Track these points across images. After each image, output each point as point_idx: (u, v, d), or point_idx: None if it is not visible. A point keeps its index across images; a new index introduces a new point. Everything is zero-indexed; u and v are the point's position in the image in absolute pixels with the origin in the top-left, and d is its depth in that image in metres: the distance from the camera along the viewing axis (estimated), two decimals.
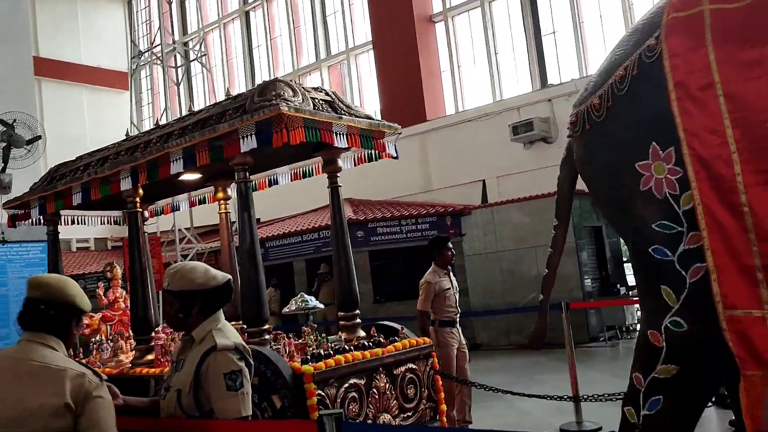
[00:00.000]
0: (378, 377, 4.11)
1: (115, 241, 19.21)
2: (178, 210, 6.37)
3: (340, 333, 4.70)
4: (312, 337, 4.54)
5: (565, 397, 5.28)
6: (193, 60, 14.66)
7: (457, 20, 15.80)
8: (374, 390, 4.07)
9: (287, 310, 5.16)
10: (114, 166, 4.82)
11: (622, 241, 13.36)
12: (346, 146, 4.29)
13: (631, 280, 12.21)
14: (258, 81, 20.22)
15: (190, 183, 5.64)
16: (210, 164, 4.26)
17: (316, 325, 4.78)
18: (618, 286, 11.76)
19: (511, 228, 12.34)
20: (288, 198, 13.66)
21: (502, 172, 13.88)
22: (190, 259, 14.93)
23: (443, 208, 13.13)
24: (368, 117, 4.57)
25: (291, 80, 4.37)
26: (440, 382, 4.54)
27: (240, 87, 20.33)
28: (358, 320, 4.80)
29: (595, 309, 11.42)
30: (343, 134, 4.22)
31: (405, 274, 12.92)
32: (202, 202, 6.21)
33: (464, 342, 5.75)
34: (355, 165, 5.10)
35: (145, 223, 11.66)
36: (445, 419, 4.55)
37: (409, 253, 12.96)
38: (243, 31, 20.53)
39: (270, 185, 5.65)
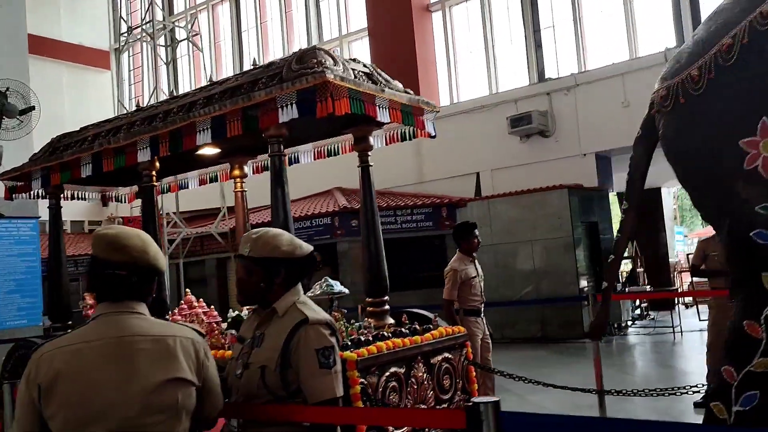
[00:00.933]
0: (417, 366, 3.89)
1: (92, 225, 18.65)
2: (187, 188, 6.06)
3: (367, 319, 4.46)
4: (342, 322, 4.30)
5: (593, 390, 5.11)
6: (183, 40, 14.21)
7: (454, 10, 15.58)
8: (413, 380, 3.85)
9: (310, 295, 4.89)
10: (130, 136, 4.51)
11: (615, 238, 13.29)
12: (388, 121, 4.04)
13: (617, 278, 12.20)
14: (246, 66, 19.81)
15: (204, 159, 5.35)
16: (239, 136, 3.99)
17: (345, 311, 4.56)
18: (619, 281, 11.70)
19: (506, 221, 12.20)
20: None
21: (496, 165, 13.71)
22: (177, 244, 14.50)
23: (438, 199, 12.94)
24: (407, 92, 4.34)
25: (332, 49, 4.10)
26: (474, 373, 4.33)
27: (227, 71, 19.86)
28: (387, 307, 4.57)
29: (590, 305, 11.32)
30: (385, 108, 3.98)
31: (399, 264, 12.71)
32: (213, 180, 5.91)
33: (488, 332, 5.55)
34: (387, 143, 4.87)
35: (132, 205, 11.19)
36: None
37: (404, 244, 12.75)
38: (232, 13, 20.04)
39: (290, 164, 5.37)
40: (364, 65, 4.25)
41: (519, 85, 14.14)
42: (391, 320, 4.49)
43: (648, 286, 12.48)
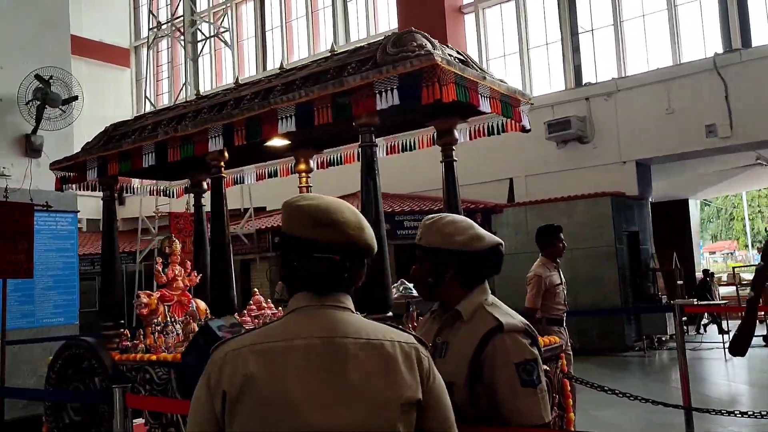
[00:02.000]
0: None
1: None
2: (242, 183, 5.74)
3: None
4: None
5: (680, 406, 4.76)
6: (212, 36, 13.95)
7: (488, 12, 15.30)
8: None
9: (394, 297, 4.57)
10: (200, 124, 4.20)
11: (652, 248, 12.99)
12: (489, 111, 3.73)
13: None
14: (270, 66, 19.55)
15: (269, 152, 5.05)
16: (326, 124, 3.67)
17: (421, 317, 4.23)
18: (658, 293, 11.35)
19: None
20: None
21: (531, 171, 13.38)
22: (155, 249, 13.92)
23: (473, 205, 12.60)
24: (502, 81, 4.02)
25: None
26: (569, 387, 4.00)
27: (249, 71, 19.62)
28: None
29: (632, 317, 10.97)
30: (486, 97, 3.67)
31: None
32: (272, 175, 5.60)
33: (570, 343, 5.22)
34: (471, 138, 4.56)
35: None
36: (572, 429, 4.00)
37: None
38: (257, 12, 19.82)
39: (359, 159, 5.06)
40: (457, 51, 3.94)
41: (554, 89, 13.82)
42: None
43: (694, 300, 12.09)
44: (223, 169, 4.43)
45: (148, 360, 4.45)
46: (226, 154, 4.40)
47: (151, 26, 13.85)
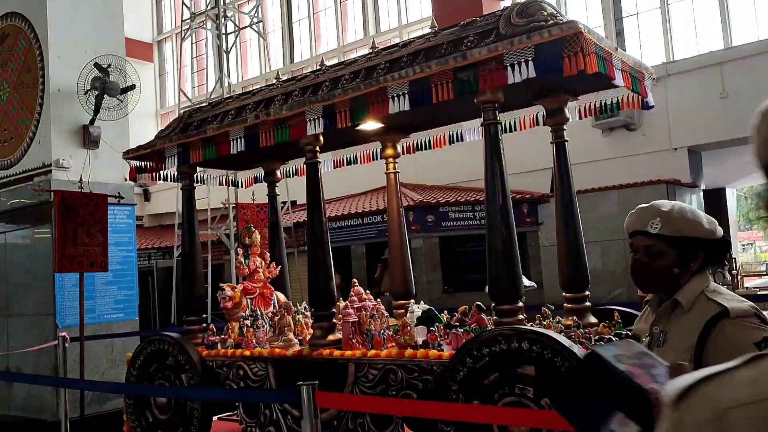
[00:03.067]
0: None
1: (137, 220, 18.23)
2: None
3: (570, 318, 3.87)
4: (550, 320, 3.73)
5: None
6: (247, 26, 13.74)
7: None
8: None
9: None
10: (297, 106, 3.96)
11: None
12: (622, 84, 3.46)
13: None
14: (297, 58, 19.31)
15: (355, 137, 4.81)
16: (448, 101, 3.41)
17: (552, 308, 3.99)
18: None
19: (595, 218, 11.53)
20: (341, 177, 12.86)
21: (576, 159, 12.96)
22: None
23: (519, 194, 12.30)
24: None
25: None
26: None
27: (277, 63, 19.37)
28: (588, 303, 3.99)
29: None
30: (619, 69, 3.39)
31: (477, 262, 12.12)
32: (350, 162, 5.35)
33: None
34: (581, 117, 4.30)
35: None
36: None
37: (482, 240, 12.15)
38: (282, 3, 19.56)
39: (450, 142, 4.82)
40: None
41: None
42: (593, 319, 3.92)
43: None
44: (318, 153, 4.20)
45: (241, 356, 4.24)
46: (322, 139, 4.17)
47: (184, 18, 13.56)
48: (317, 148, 4.17)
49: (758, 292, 11.77)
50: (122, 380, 6.83)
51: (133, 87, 6.76)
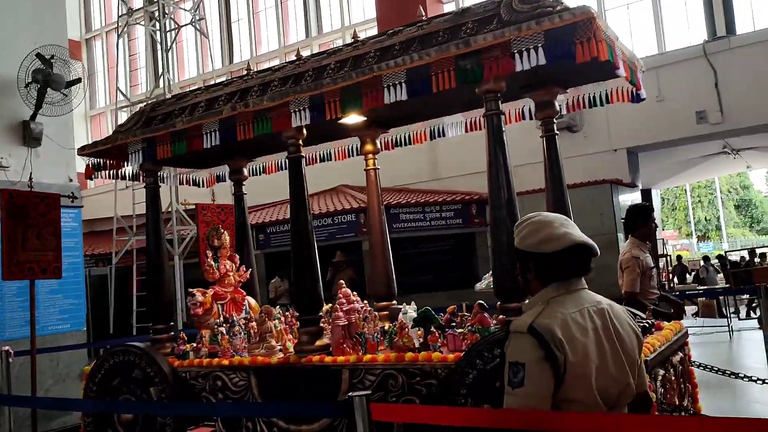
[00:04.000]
0: (668, 368, 3.25)
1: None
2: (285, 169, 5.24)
3: None
4: None
5: None
6: (186, 25, 13.22)
7: (468, 1, 15.06)
8: (668, 384, 3.20)
9: (480, 287, 4.20)
10: (279, 97, 3.72)
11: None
12: (624, 75, 3.39)
13: None
14: (237, 59, 18.81)
15: (335, 131, 4.59)
16: (456, 88, 3.26)
17: None
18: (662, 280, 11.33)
19: None
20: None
21: (519, 161, 13.13)
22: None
23: (468, 196, 12.33)
24: None
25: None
26: (695, 376, 3.72)
27: (216, 64, 18.80)
28: None
29: None
30: (620, 59, 3.32)
31: (428, 264, 12.06)
32: (324, 159, 5.14)
33: None
34: (569, 110, 4.25)
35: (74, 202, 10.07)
36: None
37: (433, 241, 12.11)
38: (221, 3, 19.04)
39: (432, 138, 4.68)
40: None
41: None
42: None
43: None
44: (301, 147, 3.97)
45: (218, 365, 3.95)
46: (305, 131, 3.94)
47: (120, 14, 12.93)
48: (300, 142, 3.95)
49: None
50: (69, 396, 6.37)
51: (79, 80, 6.31)
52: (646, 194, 17.36)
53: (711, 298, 12.87)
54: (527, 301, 2.27)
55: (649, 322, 3.49)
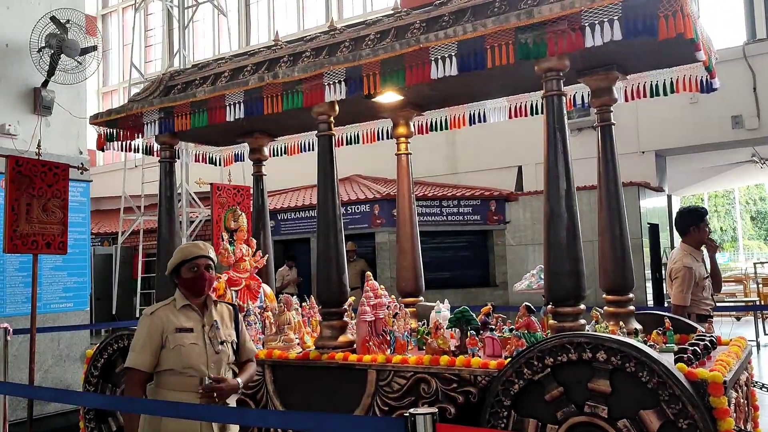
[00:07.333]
0: (738, 389, 2.89)
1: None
2: (312, 150, 4.91)
3: (612, 323, 3.44)
4: (601, 327, 3.29)
5: None
6: (204, 2, 12.89)
7: None
8: (738, 407, 2.85)
9: (520, 288, 3.86)
10: (313, 67, 3.38)
11: (668, 241, 12.62)
12: (704, 59, 3.03)
13: None
14: (254, 41, 18.46)
15: (367, 111, 4.25)
16: (507, 66, 2.92)
17: (602, 311, 3.54)
18: None
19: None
20: (302, 166, 12.24)
21: (542, 158, 12.79)
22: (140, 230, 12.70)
23: (488, 192, 11.95)
24: None
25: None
26: (757, 398, 3.36)
27: (232, 45, 18.47)
28: (632, 307, 3.57)
29: None
30: (699, 41, 2.95)
31: (443, 260, 11.71)
32: (350, 141, 4.80)
33: None
34: (627, 99, 3.90)
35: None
36: None
37: (447, 236, 11.75)
38: None
39: (471, 123, 4.32)
40: None
41: None
42: (637, 324, 3.49)
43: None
44: (332, 125, 3.62)
45: None
46: (337, 108, 3.60)
47: None
48: (332, 119, 3.61)
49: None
50: (69, 378, 6.08)
51: (94, 48, 5.99)
52: (670, 199, 16.94)
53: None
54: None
55: (713, 338, 3.14)
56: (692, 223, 4.39)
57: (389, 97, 3.92)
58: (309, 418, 2.54)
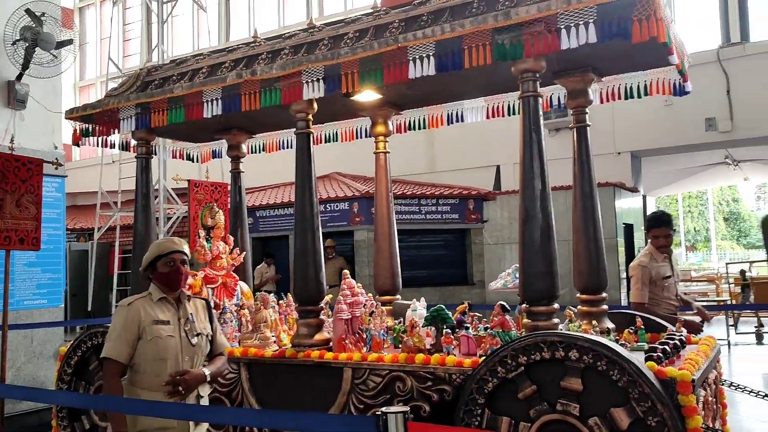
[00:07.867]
0: (706, 388, 2.95)
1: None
2: (291, 148, 4.90)
3: (585, 323, 3.49)
4: (574, 325, 3.34)
5: None
6: None
7: None
8: (707, 406, 2.90)
9: (496, 287, 3.89)
10: (292, 65, 3.38)
11: (644, 242, 12.77)
12: (676, 63, 3.09)
13: None
14: (234, 38, 18.35)
15: (345, 109, 4.25)
16: (485, 66, 2.95)
17: (575, 310, 3.60)
18: None
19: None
20: (281, 163, 12.19)
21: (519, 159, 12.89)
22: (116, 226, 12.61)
23: (466, 191, 12.01)
24: None
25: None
26: (725, 396, 3.43)
27: (211, 41, 18.34)
28: (606, 306, 3.63)
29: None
30: (672, 45, 3.00)
31: (420, 258, 11.75)
32: (329, 139, 4.80)
33: None
34: (602, 101, 3.94)
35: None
36: None
37: (425, 235, 11.78)
38: None
39: (449, 122, 4.35)
40: None
41: None
42: (610, 324, 3.55)
43: None
44: (310, 123, 3.63)
45: None
46: (315, 106, 3.61)
47: None
48: (310, 117, 3.61)
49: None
50: (42, 376, 6.00)
51: (70, 42, 5.91)
52: (644, 199, 17.17)
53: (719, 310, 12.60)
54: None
55: (682, 337, 3.20)
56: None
57: (368, 95, 3.93)
58: (283, 417, 2.54)
